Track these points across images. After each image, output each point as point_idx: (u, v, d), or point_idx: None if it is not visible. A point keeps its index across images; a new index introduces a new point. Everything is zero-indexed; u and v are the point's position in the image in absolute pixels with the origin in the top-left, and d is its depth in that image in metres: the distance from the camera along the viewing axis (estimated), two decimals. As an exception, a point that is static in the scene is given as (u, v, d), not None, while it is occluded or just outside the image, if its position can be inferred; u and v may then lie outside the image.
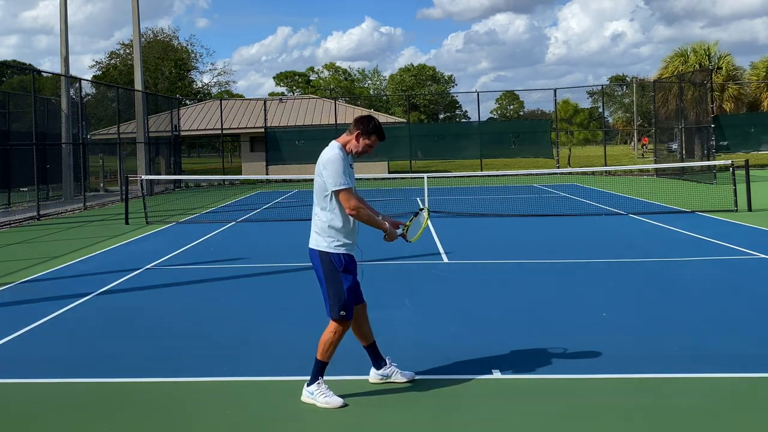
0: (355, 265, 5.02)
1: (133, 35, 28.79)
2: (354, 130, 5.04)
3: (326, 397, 4.91)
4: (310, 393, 4.97)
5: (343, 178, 4.85)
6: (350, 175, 4.95)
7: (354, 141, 5.03)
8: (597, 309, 7.44)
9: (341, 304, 4.90)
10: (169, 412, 4.93)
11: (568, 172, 28.66)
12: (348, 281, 4.91)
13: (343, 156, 4.93)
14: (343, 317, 4.90)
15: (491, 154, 34.80)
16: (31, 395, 5.34)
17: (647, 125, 57.26)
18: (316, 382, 4.97)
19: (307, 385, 5.01)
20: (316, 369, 4.99)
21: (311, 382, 4.99)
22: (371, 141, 5.03)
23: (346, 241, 4.96)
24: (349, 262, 4.96)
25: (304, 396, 5.02)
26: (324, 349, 4.97)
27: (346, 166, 4.91)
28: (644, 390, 5.11)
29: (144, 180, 18.83)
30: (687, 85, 28.85)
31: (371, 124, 5.03)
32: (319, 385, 4.96)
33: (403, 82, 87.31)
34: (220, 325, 7.23)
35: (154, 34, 65.92)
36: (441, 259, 10.85)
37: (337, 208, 4.94)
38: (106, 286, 9.20)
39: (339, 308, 4.90)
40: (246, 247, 12.71)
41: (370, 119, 5.08)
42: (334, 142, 5.08)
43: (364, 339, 5.25)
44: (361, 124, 5.03)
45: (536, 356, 5.87)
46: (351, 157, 5.07)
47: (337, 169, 4.85)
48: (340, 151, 4.95)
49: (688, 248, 11.25)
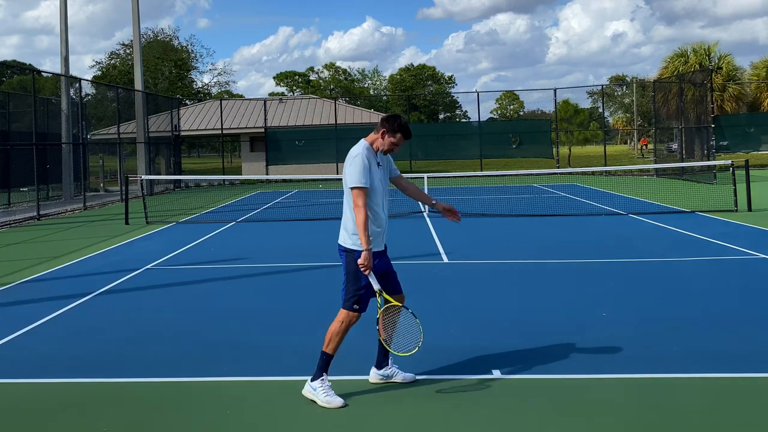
0: (377, 259, 5.03)
1: (133, 35, 28.79)
2: (380, 129, 5.12)
3: (328, 396, 4.91)
4: (313, 389, 4.97)
5: (360, 176, 4.92)
6: (375, 173, 5.02)
7: (380, 139, 5.12)
8: (597, 309, 7.44)
9: (356, 299, 5.00)
10: (169, 412, 4.93)
11: (568, 172, 28.66)
12: (366, 277, 4.99)
13: (367, 155, 5.01)
14: (356, 310, 5.00)
15: (491, 154, 34.81)
16: (31, 395, 5.34)
17: (647, 125, 57.23)
18: (320, 378, 4.97)
19: (311, 380, 5.01)
20: (322, 362, 4.99)
21: (316, 377, 4.99)
22: (396, 139, 5.10)
23: (373, 238, 5.01)
24: (374, 257, 5.01)
25: (306, 390, 5.02)
26: (329, 339, 5.00)
27: (368, 165, 4.98)
28: (644, 390, 5.10)
29: (144, 180, 18.83)
30: (687, 85, 28.84)
31: (396, 123, 5.11)
32: (322, 382, 4.96)
33: (402, 82, 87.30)
34: (220, 325, 7.23)
35: (155, 34, 66.00)
36: (441, 259, 10.85)
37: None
38: (106, 286, 9.20)
39: (353, 302, 5.00)
40: (246, 247, 12.71)
41: (396, 118, 5.17)
42: (362, 140, 5.17)
43: None
44: (387, 123, 5.12)
45: (536, 356, 5.86)
46: (380, 155, 5.15)
47: (357, 168, 4.94)
48: (364, 150, 5.03)
49: (688, 248, 11.25)
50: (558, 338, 6.36)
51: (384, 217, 5.12)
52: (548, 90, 43.86)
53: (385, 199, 5.15)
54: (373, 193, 5.00)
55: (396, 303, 5.01)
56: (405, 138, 5.14)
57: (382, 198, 5.09)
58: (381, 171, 5.11)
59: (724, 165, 18.64)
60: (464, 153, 34.89)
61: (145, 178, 19.51)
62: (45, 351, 6.42)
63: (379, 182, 5.05)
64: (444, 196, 22.21)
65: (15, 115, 26.18)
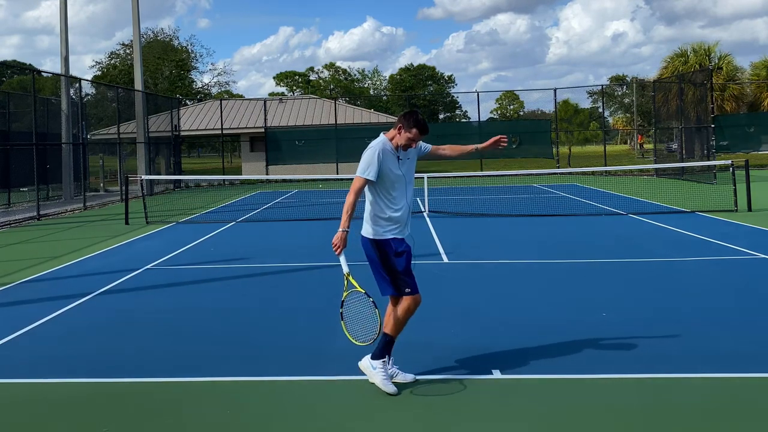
0: (405, 246, 5.19)
1: (133, 35, 28.79)
2: (398, 124, 5.24)
3: (385, 380, 5.09)
4: (373, 367, 5.13)
5: (365, 167, 5.09)
6: (393, 167, 5.15)
7: (398, 135, 5.23)
8: (597, 309, 7.44)
9: (398, 283, 5.12)
10: (169, 412, 4.93)
11: (568, 172, 28.66)
12: (401, 264, 5.11)
13: (381, 149, 5.15)
14: (408, 293, 5.11)
15: (491, 154, 34.77)
16: (31, 395, 5.34)
17: (647, 125, 57.25)
18: (382, 360, 5.12)
19: (372, 357, 5.15)
20: (385, 343, 5.13)
21: (379, 356, 5.12)
22: (413, 135, 5.21)
23: (393, 225, 5.16)
24: (398, 244, 5.15)
25: (365, 364, 5.20)
26: (393, 324, 5.14)
27: (380, 160, 5.10)
28: (644, 390, 5.10)
29: (144, 180, 18.83)
30: (687, 85, 28.84)
31: (412, 119, 5.22)
32: (384, 364, 5.12)
33: (403, 82, 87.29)
34: (220, 325, 7.23)
35: (155, 34, 66.00)
36: (441, 259, 10.85)
37: (378, 196, 5.17)
38: (106, 286, 9.20)
39: (399, 287, 5.12)
40: (246, 247, 12.71)
41: (412, 114, 5.28)
42: (382, 134, 5.31)
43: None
44: (404, 119, 5.25)
45: (536, 356, 5.87)
46: (401, 151, 5.26)
47: (366, 159, 5.12)
48: (380, 144, 5.19)
49: (688, 248, 11.25)
50: (558, 338, 6.36)
51: (406, 206, 5.23)
52: (548, 90, 43.94)
53: (408, 189, 5.28)
54: (390, 183, 5.14)
55: (360, 289, 5.09)
56: (421, 133, 5.23)
57: (404, 187, 5.23)
58: (404, 165, 5.25)
59: (724, 165, 18.63)
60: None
61: (145, 178, 19.50)
62: (45, 351, 6.42)
63: (398, 175, 5.18)
64: (444, 196, 22.22)
65: (15, 115, 26.18)
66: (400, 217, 5.18)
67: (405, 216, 5.22)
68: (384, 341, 5.13)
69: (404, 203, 5.21)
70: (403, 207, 5.20)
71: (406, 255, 5.15)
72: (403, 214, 5.21)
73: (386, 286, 5.19)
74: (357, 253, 5.44)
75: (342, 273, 5.16)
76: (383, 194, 5.16)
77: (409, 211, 5.27)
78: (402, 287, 5.12)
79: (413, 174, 5.38)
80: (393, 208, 5.16)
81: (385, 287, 5.21)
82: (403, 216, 5.20)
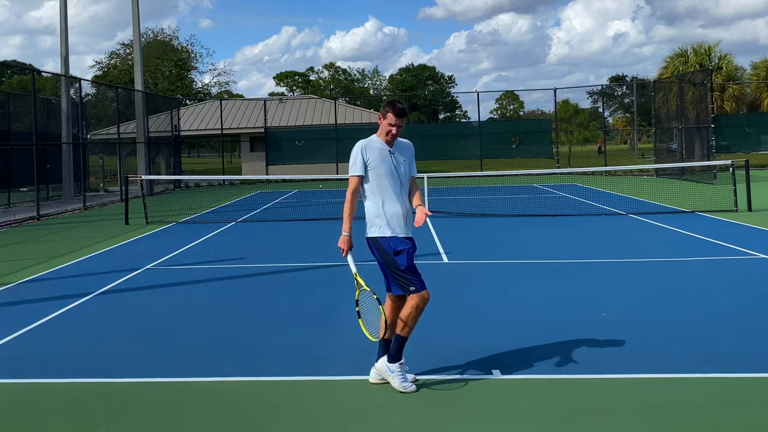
0: (406, 243, 5.16)
1: (133, 35, 28.79)
2: (379, 117, 5.27)
3: (404, 382, 5.08)
4: (391, 371, 5.11)
5: (351, 165, 5.19)
6: (382, 161, 5.15)
7: (381, 128, 5.24)
8: (597, 309, 7.44)
9: (404, 281, 5.08)
10: (169, 412, 4.93)
11: (568, 172, 28.66)
12: (403, 261, 5.08)
13: (365, 144, 5.21)
14: (413, 291, 5.06)
15: (491, 154, 34.82)
16: (31, 395, 5.34)
17: (647, 125, 57.22)
18: (399, 362, 5.10)
19: (389, 361, 5.12)
20: (398, 345, 5.11)
21: (395, 359, 5.10)
22: (389, 119, 5.18)
23: (390, 223, 5.13)
24: (398, 243, 5.11)
25: (382, 367, 5.16)
26: (403, 324, 5.09)
27: (362, 155, 5.15)
28: (644, 390, 5.10)
29: (144, 180, 18.82)
30: (687, 85, 28.84)
31: (388, 105, 5.22)
32: (401, 366, 5.10)
33: (403, 82, 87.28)
34: (220, 325, 7.23)
35: (155, 34, 65.98)
36: (441, 259, 10.85)
37: (372, 194, 5.18)
38: (106, 286, 9.20)
39: (404, 286, 5.09)
40: (246, 247, 12.71)
41: (389, 102, 5.26)
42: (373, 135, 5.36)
43: (390, 329, 5.24)
44: (382, 109, 5.26)
45: (536, 356, 5.86)
46: (393, 148, 5.25)
47: (351, 157, 5.23)
48: (364, 141, 5.22)
49: (688, 248, 11.25)
50: (558, 338, 6.36)
51: (399, 202, 5.17)
52: (548, 90, 43.90)
53: (404, 187, 5.24)
54: (380, 178, 5.15)
55: (367, 288, 5.12)
56: (396, 116, 5.15)
57: (398, 184, 5.19)
58: (395, 160, 5.20)
59: (724, 165, 18.63)
60: (464, 153, 34.90)
61: (145, 178, 19.50)
62: (45, 351, 6.42)
63: (389, 169, 5.16)
64: (444, 196, 22.22)
65: (15, 115, 26.19)
66: (396, 214, 5.13)
67: (401, 213, 5.16)
68: (397, 343, 5.11)
69: (399, 199, 5.16)
70: (397, 203, 5.15)
71: (407, 253, 5.11)
72: (399, 211, 5.15)
73: (393, 285, 5.19)
74: (365, 253, 5.45)
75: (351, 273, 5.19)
76: (376, 191, 5.16)
77: (406, 209, 5.23)
78: (406, 286, 5.10)
79: (408, 175, 5.30)
80: (387, 205, 5.14)
81: (392, 286, 5.21)
82: (398, 212, 5.14)
